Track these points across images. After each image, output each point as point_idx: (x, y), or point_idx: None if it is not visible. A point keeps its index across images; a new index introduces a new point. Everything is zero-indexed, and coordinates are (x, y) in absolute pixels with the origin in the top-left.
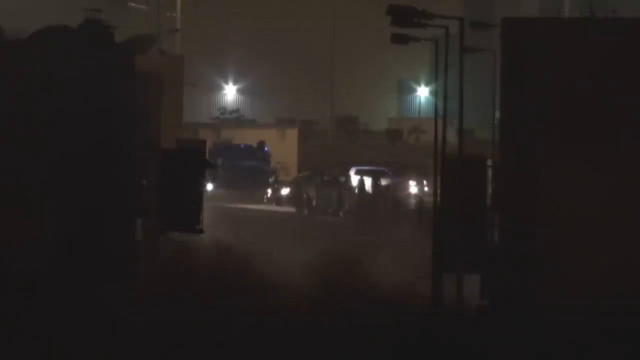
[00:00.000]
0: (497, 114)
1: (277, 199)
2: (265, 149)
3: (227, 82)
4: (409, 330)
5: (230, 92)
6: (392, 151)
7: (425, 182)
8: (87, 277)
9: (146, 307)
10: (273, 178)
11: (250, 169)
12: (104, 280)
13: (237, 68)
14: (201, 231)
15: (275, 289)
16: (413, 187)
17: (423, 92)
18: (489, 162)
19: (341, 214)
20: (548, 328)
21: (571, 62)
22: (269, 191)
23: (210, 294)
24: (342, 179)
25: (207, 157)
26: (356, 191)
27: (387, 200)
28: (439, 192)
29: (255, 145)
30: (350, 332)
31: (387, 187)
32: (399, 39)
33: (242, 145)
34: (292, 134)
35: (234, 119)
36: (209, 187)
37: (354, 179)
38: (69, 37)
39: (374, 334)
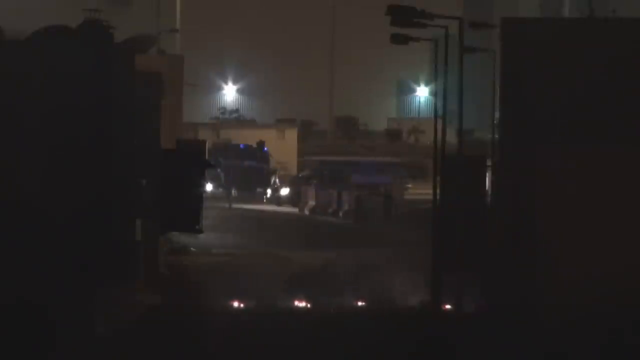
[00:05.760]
0: (497, 114)
1: (277, 199)
2: (265, 149)
3: (227, 82)
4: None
5: (230, 92)
6: (391, 151)
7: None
8: (87, 277)
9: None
10: (273, 178)
11: (250, 169)
12: (103, 280)
13: (237, 68)
14: (200, 231)
15: None
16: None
17: (422, 92)
18: (489, 162)
19: (341, 214)
20: (547, 327)
21: (570, 62)
22: (269, 191)
23: None
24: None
25: (207, 157)
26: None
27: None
28: (438, 192)
29: (255, 145)
30: None
31: (386, 186)
32: (399, 39)
33: (242, 145)
34: (292, 134)
35: (234, 119)
36: (209, 187)
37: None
38: (69, 37)
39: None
